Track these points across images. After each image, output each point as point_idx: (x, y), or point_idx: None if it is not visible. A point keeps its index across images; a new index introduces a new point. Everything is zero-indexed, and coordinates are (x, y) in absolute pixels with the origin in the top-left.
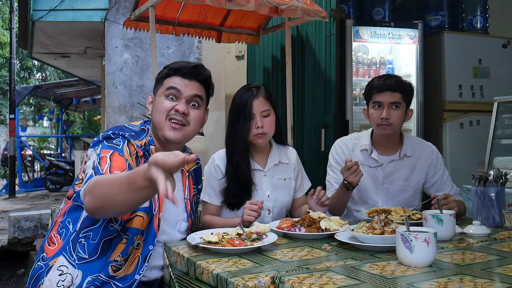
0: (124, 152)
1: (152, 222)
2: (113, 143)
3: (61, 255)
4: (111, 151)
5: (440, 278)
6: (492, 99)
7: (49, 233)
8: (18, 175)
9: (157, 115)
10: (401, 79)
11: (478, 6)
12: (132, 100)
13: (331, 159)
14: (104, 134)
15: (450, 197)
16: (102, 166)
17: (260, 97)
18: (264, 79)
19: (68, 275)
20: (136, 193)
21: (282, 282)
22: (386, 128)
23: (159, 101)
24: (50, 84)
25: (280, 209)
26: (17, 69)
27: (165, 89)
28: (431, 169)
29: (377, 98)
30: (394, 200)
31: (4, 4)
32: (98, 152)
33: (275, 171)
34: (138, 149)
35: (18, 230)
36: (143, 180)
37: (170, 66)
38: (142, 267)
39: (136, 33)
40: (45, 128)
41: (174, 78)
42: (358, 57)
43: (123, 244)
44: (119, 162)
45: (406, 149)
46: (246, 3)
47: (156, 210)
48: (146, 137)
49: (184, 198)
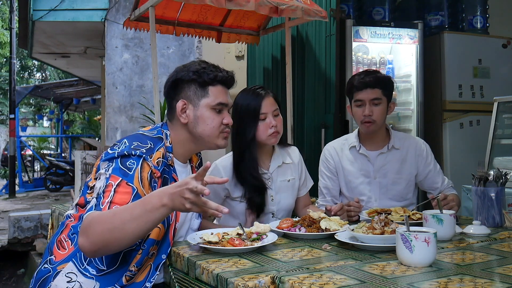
0: (134, 179)
1: (168, 232)
2: (127, 165)
3: (71, 262)
4: (120, 178)
5: (440, 278)
6: (492, 99)
7: (58, 235)
8: (18, 175)
9: (207, 130)
10: (379, 74)
11: (478, 6)
12: (132, 100)
13: (320, 165)
14: (121, 152)
15: (449, 197)
16: (104, 199)
17: (270, 97)
18: (264, 79)
19: (76, 283)
20: (151, 214)
21: (282, 282)
22: (370, 126)
23: (207, 115)
24: (50, 84)
25: (285, 212)
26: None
27: (214, 103)
28: (421, 160)
29: (358, 96)
30: (387, 194)
31: (4, 4)
32: (108, 176)
33: (279, 172)
34: (155, 169)
35: (18, 230)
36: (159, 199)
37: (214, 75)
38: (154, 275)
39: (136, 33)
40: (45, 128)
41: (218, 87)
42: (358, 57)
43: (139, 255)
44: (122, 195)
45: (394, 142)
46: (246, 3)
47: (172, 220)
48: (164, 146)
49: None
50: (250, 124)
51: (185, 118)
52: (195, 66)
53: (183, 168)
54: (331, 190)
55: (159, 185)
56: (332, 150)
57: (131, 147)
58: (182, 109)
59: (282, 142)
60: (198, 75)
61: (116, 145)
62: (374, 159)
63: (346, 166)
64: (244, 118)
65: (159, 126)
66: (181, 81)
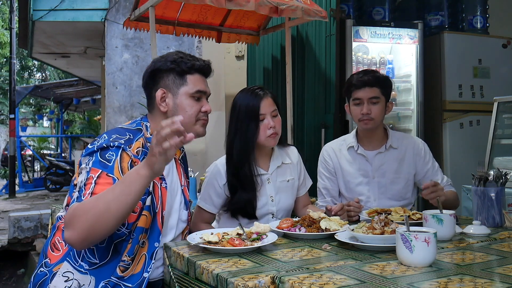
0: (114, 170)
1: (156, 220)
2: (106, 157)
3: (65, 261)
4: (100, 170)
5: (440, 278)
6: (492, 99)
7: (52, 238)
8: (18, 175)
9: (186, 118)
10: (378, 73)
11: (478, 6)
12: (132, 100)
13: (319, 166)
14: (100, 145)
15: (439, 185)
16: (85, 191)
17: (268, 97)
18: (264, 79)
19: (74, 281)
20: (132, 186)
21: (282, 282)
22: (368, 123)
23: (186, 103)
24: (50, 84)
25: (285, 212)
26: (17, 69)
27: (193, 91)
28: (419, 159)
29: (356, 94)
30: (386, 193)
31: (4, 4)
32: (88, 170)
33: (278, 173)
34: (135, 158)
35: (18, 230)
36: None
37: (191, 63)
38: (150, 265)
39: (136, 33)
40: (45, 128)
41: (196, 75)
42: (358, 57)
43: (129, 244)
44: (103, 186)
45: (392, 141)
46: (246, 3)
47: (158, 208)
48: (143, 136)
49: (181, 186)
50: (249, 124)
51: (165, 106)
52: (173, 56)
53: None
54: (330, 191)
55: None
56: (331, 151)
57: (110, 139)
58: (161, 97)
59: (281, 142)
60: (176, 64)
61: (96, 140)
62: (372, 159)
63: (344, 166)
64: (243, 119)
65: (138, 120)
66: (159, 71)
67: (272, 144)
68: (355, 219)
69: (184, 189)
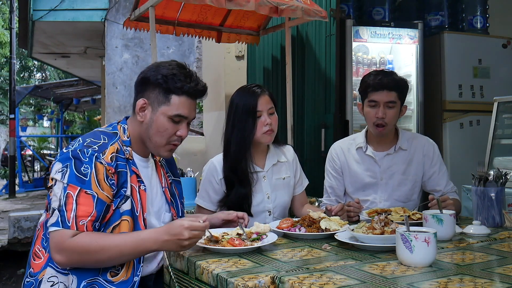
0: (92, 185)
1: (138, 224)
2: (82, 171)
3: (48, 267)
4: (78, 188)
5: (440, 278)
6: (492, 99)
7: (33, 248)
8: (18, 175)
9: (157, 137)
10: (396, 76)
11: (478, 6)
12: (132, 100)
13: (327, 164)
14: (74, 150)
15: (448, 198)
16: (68, 213)
17: (265, 95)
18: (264, 79)
19: (60, 284)
20: (140, 253)
21: (282, 282)
22: (382, 130)
23: (162, 123)
24: (50, 84)
25: (281, 209)
26: (17, 69)
27: (172, 114)
28: (427, 160)
29: (372, 96)
30: (393, 195)
31: (4, 4)
32: (65, 185)
33: (274, 171)
34: (109, 166)
35: (18, 230)
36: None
37: (181, 84)
38: (139, 268)
39: (136, 33)
40: (45, 128)
41: (182, 98)
42: (358, 57)
43: None
44: (85, 207)
45: (401, 143)
46: (246, 3)
47: (139, 211)
48: (119, 141)
49: (162, 187)
50: (247, 121)
51: (142, 117)
52: (166, 69)
53: (144, 162)
54: (335, 190)
55: (116, 181)
56: (339, 150)
57: (84, 144)
58: (141, 107)
59: (277, 141)
60: (164, 80)
61: (71, 144)
62: (381, 160)
63: (352, 166)
64: (240, 115)
65: (115, 122)
66: (147, 80)
67: (267, 141)
68: (355, 219)
69: (165, 191)
